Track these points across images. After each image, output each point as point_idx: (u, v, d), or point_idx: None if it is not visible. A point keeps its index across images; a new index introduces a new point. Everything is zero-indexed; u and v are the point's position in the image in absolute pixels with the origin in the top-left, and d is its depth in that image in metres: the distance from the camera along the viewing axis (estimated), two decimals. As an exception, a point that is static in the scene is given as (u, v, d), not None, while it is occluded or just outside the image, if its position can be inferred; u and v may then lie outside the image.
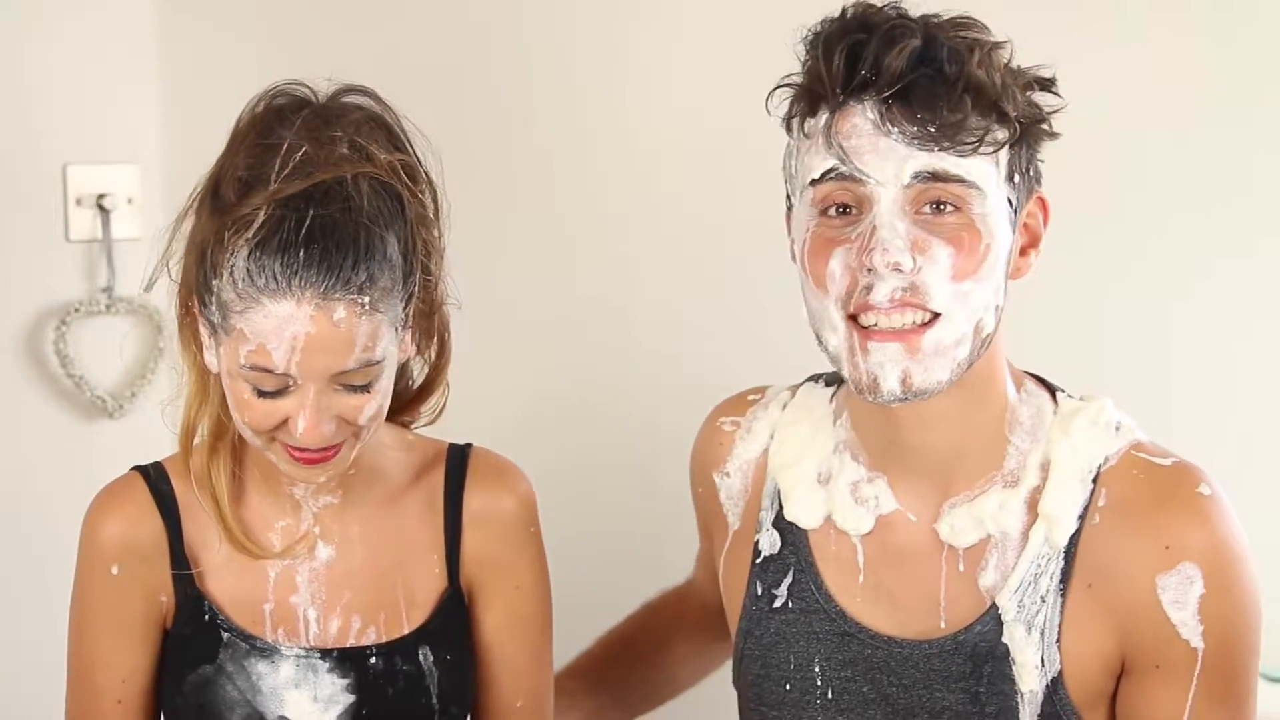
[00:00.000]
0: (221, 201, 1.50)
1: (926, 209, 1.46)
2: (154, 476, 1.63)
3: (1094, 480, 1.53)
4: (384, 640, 1.62)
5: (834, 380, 1.68)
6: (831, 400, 1.66)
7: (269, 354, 1.47)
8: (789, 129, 1.53)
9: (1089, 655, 1.52)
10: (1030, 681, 1.51)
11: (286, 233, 1.46)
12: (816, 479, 1.61)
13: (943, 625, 1.55)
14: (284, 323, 1.46)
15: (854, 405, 1.61)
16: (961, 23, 1.48)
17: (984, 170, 1.46)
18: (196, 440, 1.61)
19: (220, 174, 1.52)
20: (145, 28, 2.12)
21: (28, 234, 2.10)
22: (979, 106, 1.45)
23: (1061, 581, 1.52)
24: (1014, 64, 1.49)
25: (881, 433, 1.57)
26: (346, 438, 1.53)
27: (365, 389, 1.51)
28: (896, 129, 1.44)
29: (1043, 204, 1.55)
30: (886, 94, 1.44)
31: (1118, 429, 1.56)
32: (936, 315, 1.46)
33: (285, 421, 1.50)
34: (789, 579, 1.61)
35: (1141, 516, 1.51)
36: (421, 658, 1.61)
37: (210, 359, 1.55)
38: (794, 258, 1.55)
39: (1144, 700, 1.52)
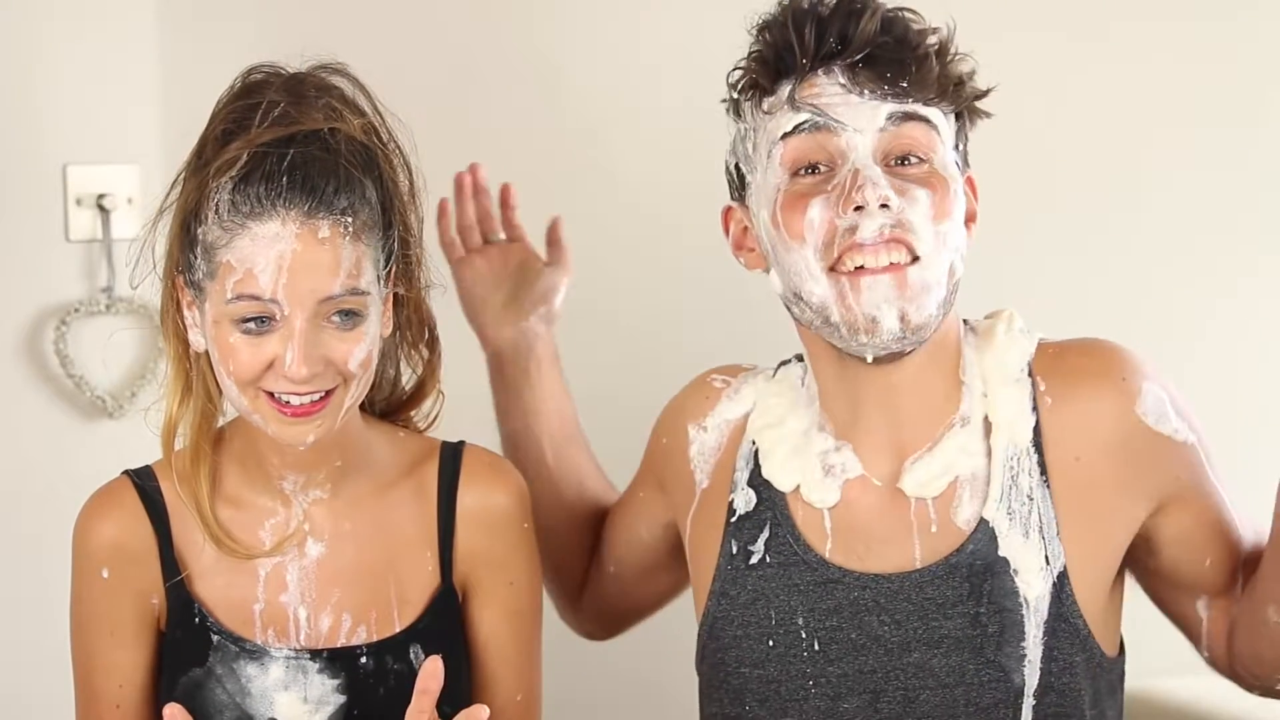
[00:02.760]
0: (203, 159, 1.53)
1: (894, 162, 1.53)
2: (143, 479, 1.63)
3: (1028, 375, 1.59)
4: (374, 639, 1.61)
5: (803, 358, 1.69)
6: (802, 378, 1.67)
7: (255, 279, 1.48)
8: (739, 113, 1.59)
9: (1105, 532, 1.56)
10: (1036, 586, 1.53)
11: (269, 165, 1.49)
12: (793, 448, 1.63)
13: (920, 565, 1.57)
14: (270, 243, 1.48)
15: (822, 376, 1.62)
16: (904, 8, 1.57)
17: (943, 122, 1.55)
18: (182, 443, 1.61)
19: (202, 142, 1.55)
20: (145, 28, 2.13)
21: (28, 234, 2.10)
22: (937, 68, 1.54)
23: (1042, 474, 1.56)
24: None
25: (848, 399, 1.59)
26: (335, 387, 1.53)
27: (352, 324, 1.51)
28: (866, 89, 1.53)
29: (970, 183, 1.60)
30: (855, 59, 1.52)
31: (1025, 331, 1.62)
32: (917, 259, 1.51)
33: (272, 365, 1.50)
34: (766, 534, 1.62)
35: (1085, 377, 1.58)
36: (413, 656, 1.61)
37: (196, 338, 1.56)
38: (741, 247, 1.63)
39: (1188, 519, 1.58)
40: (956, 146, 1.57)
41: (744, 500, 1.64)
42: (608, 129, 2.23)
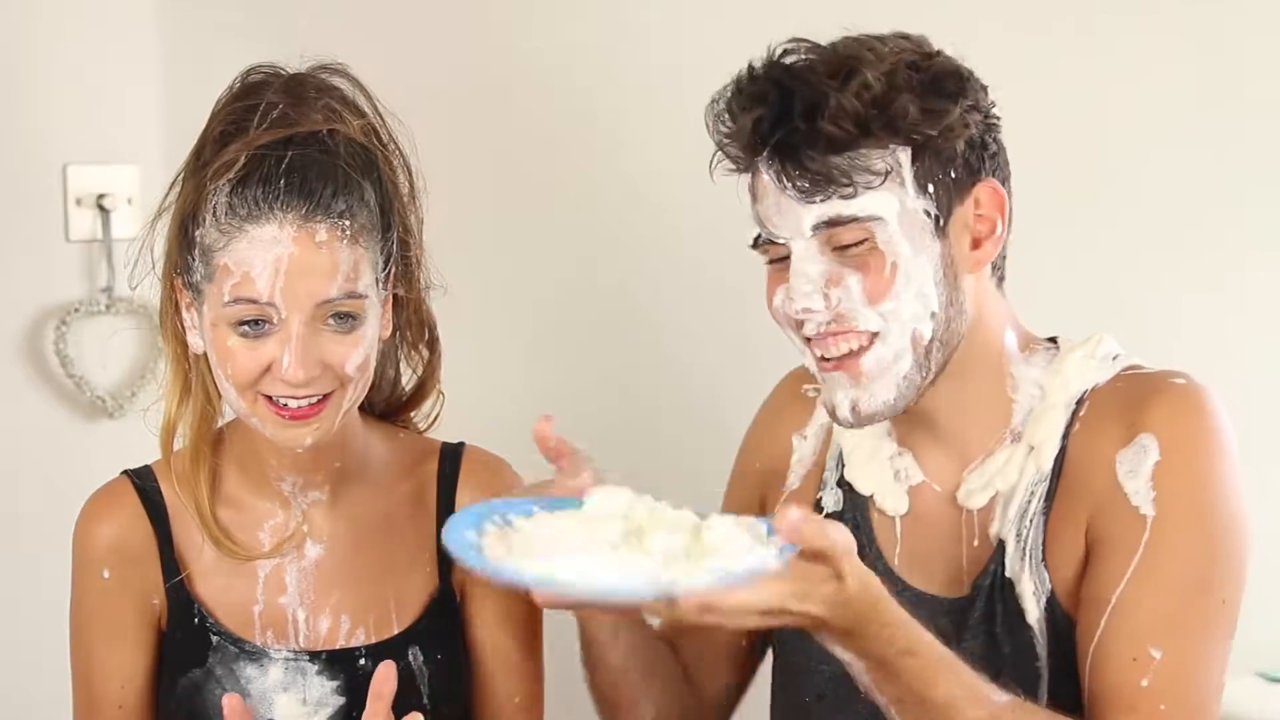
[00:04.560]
0: (201, 160, 1.53)
1: (839, 247, 1.52)
2: (142, 480, 1.63)
3: (1078, 402, 1.57)
4: (373, 641, 1.61)
5: None
6: None
7: (253, 282, 1.48)
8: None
9: (1071, 563, 1.54)
10: (1033, 609, 1.54)
11: (266, 168, 1.49)
12: (869, 452, 1.66)
13: (966, 590, 1.58)
14: (267, 246, 1.48)
15: None
16: (833, 57, 1.51)
17: (879, 201, 1.51)
18: (181, 444, 1.61)
19: (200, 143, 1.55)
20: (145, 28, 2.12)
21: (28, 234, 2.10)
22: (845, 149, 1.49)
23: (1046, 500, 1.55)
24: (905, 76, 1.50)
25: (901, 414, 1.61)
26: (333, 391, 1.52)
27: (350, 328, 1.51)
28: (789, 184, 1.52)
29: (994, 193, 1.56)
30: (771, 156, 1.52)
31: (1115, 359, 1.59)
32: (875, 335, 1.53)
33: (270, 369, 1.50)
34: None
35: (1114, 411, 1.54)
36: (411, 658, 1.61)
37: (195, 340, 1.56)
38: None
39: (1088, 576, 1.51)
40: (925, 189, 1.52)
41: (832, 499, 1.67)
42: (609, 128, 2.23)
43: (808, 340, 1.55)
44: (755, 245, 1.57)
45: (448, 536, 1.32)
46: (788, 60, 1.53)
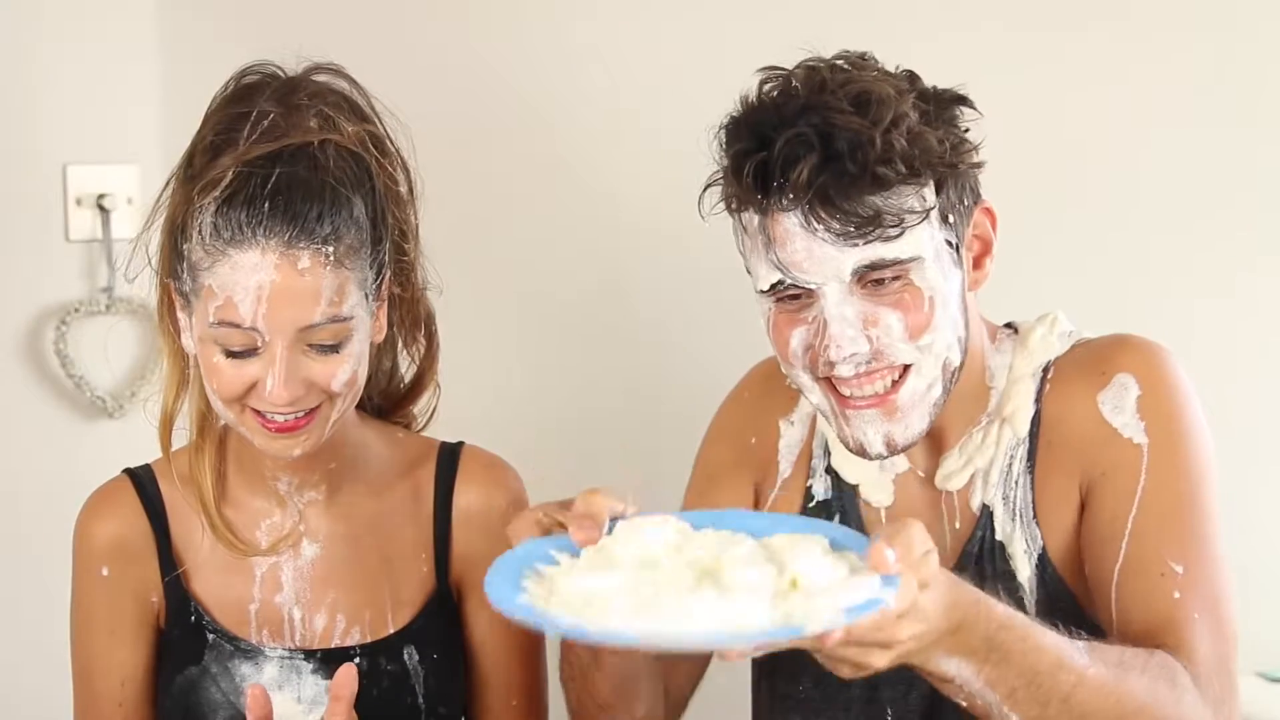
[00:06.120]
0: (192, 170, 1.52)
1: (871, 283, 1.52)
2: (142, 479, 1.64)
3: (1044, 370, 1.62)
4: (368, 640, 1.61)
5: None
6: None
7: (235, 307, 1.47)
8: (728, 209, 1.56)
9: (1063, 515, 1.58)
10: (1024, 568, 1.58)
11: (252, 188, 1.48)
12: None
13: (952, 564, 1.59)
14: (249, 272, 1.47)
15: None
16: (859, 94, 1.49)
17: (917, 239, 1.51)
18: (180, 437, 1.61)
19: (192, 149, 1.54)
20: (145, 28, 2.13)
21: (28, 234, 2.11)
22: (891, 189, 1.49)
23: (1028, 461, 1.60)
24: (919, 108, 1.50)
25: None
26: (320, 404, 1.52)
27: (335, 349, 1.51)
28: (822, 226, 1.49)
29: (988, 213, 1.59)
30: (805, 202, 1.48)
31: (1069, 335, 1.64)
32: (907, 367, 1.53)
33: (255, 387, 1.50)
34: (835, 521, 1.65)
35: (1082, 368, 1.61)
36: (407, 657, 1.61)
37: (187, 341, 1.56)
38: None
39: (1093, 512, 1.56)
40: (946, 219, 1.53)
41: (822, 487, 1.68)
42: (606, 128, 2.23)
43: (830, 380, 1.54)
44: (769, 291, 1.53)
45: (530, 618, 1.23)
46: (775, 93, 1.51)
